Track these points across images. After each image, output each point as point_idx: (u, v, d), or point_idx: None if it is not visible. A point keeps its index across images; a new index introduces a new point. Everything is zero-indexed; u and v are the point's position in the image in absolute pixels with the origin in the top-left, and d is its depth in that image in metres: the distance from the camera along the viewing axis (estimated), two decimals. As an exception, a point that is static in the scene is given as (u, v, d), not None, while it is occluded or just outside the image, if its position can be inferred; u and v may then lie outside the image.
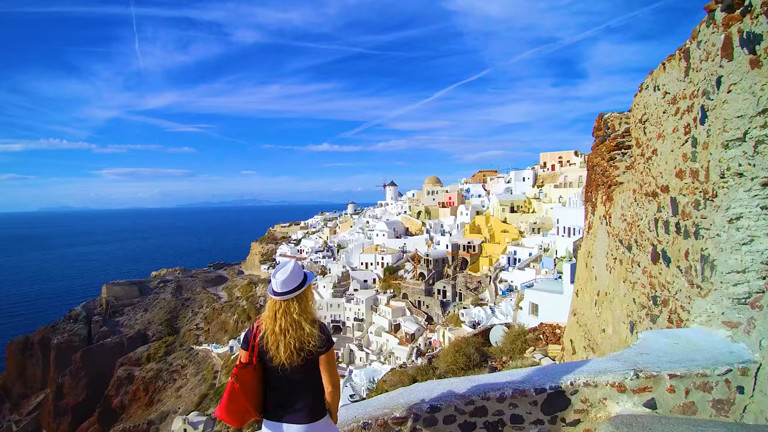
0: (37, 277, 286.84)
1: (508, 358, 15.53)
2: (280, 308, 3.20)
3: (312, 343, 3.13)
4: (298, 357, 3.10)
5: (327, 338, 3.24)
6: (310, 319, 3.24)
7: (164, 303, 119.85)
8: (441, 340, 43.50)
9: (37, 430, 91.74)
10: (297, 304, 3.23)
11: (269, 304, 3.32)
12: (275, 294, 3.24)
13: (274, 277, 3.25)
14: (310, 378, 3.22)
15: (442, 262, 59.81)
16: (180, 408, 66.31)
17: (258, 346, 3.21)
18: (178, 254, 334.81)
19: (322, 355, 3.18)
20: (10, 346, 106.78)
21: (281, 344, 3.10)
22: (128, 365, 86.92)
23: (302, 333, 3.14)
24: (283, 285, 3.20)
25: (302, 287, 3.28)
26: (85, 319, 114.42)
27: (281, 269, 3.29)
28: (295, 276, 3.26)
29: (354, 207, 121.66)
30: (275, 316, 3.20)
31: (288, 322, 3.15)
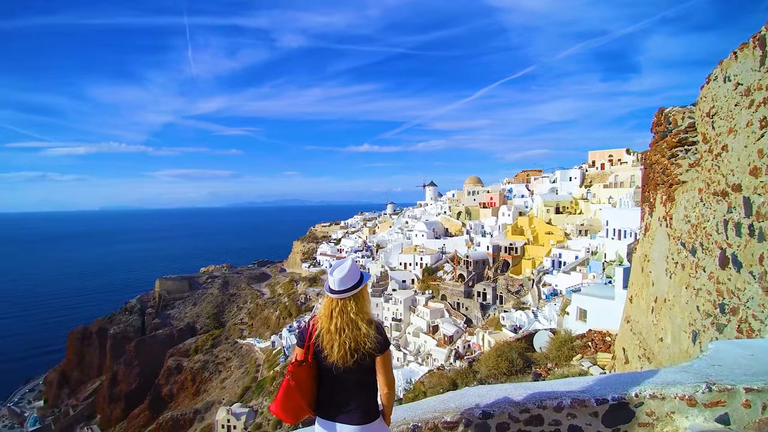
0: (96, 272, 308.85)
1: (554, 365, 14.96)
2: (337, 307, 3.18)
3: (368, 344, 3.09)
4: (352, 357, 3.06)
5: (384, 339, 3.19)
6: (367, 319, 3.20)
7: (211, 298, 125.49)
8: (480, 343, 42.68)
9: (92, 414, 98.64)
10: (354, 303, 3.19)
11: (325, 303, 3.29)
12: (332, 292, 3.21)
13: (332, 274, 3.22)
14: (363, 379, 3.17)
15: (483, 263, 58.66)
16: (224, 399, 69.07)
17: (314, 344, 3.20)
18: (225, 251, 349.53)
19: (378, 356, 3.14)
20: (70, 335, 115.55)
21: (336, 343, 3.08)
22: (177, 356, 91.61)
23: (358, 333, 3.10)
24: (341, 283, 3.17)
25: (359, 286, 3.24)
26: (139, 311, 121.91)
27: (338, 267, 3.26)
28: (353, 274, 3.22)
29: (393, 207, 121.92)
30: (331, 315, 3.17)
31: (344, 321, 3.13)
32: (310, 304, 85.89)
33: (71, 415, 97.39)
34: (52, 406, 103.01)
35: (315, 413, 3.28)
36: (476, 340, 44.34)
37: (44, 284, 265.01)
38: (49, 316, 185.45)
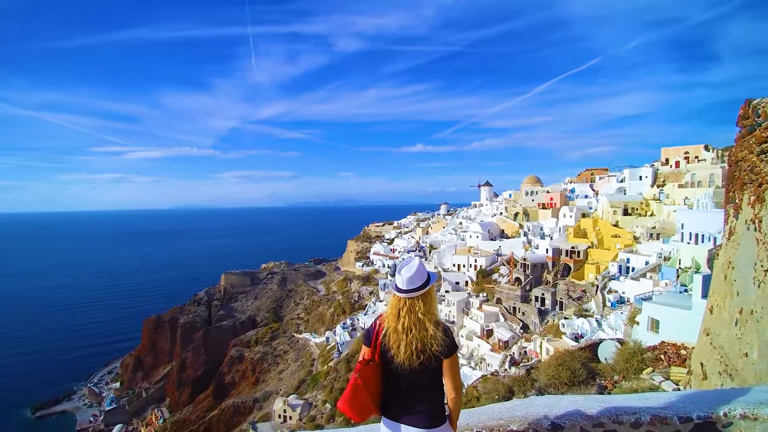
0: (169, 265, 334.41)
1: (621, 378, 14.02)
2: (405, 306, 3.16)
3: (434, 346, 3.05)
4: (418, 359, 3.03)
5: (451, 343, 3.14)
6: (434, 321, 3.16)
7: (271, 293, 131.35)
8: (538, 350, 41.00)
9: (163, 397, 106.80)
10: (422, 303, 3.16)
11: (392, 302, 3.28)
12: (399, 291, 3.19)
13: (400, 273, 3.19)
14: (429, 381, 3.13)
15: (541, 267, 56.28)
16: (281, 390, 71.96)
17: (381, 343, 3.20)
18: (284, 249, 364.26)
19: (445, 359, 3.09)
20: (145, 323, 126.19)
21: (402, 344, 3.06)
22: (240, 346, 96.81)
23: (425, 334, 3.07)
24: (409, 282, 3.14)
25: (427, 286, 3.21)
26: (206, 303, 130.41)
27: (406, 266, 3.24)
28: (421, 274, 3.19)
29: (447, 207, 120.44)
30: (398, 314, 3.16)
31: (411, 321, 3.10)
32: (364, 303, 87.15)
33: (144, 397, 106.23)
34: (127, 387, 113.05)
35: (381, 413, 3.28)
36: (533, 346, 42.65)
37: (124, 276, 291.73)
38: (127, 305, 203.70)
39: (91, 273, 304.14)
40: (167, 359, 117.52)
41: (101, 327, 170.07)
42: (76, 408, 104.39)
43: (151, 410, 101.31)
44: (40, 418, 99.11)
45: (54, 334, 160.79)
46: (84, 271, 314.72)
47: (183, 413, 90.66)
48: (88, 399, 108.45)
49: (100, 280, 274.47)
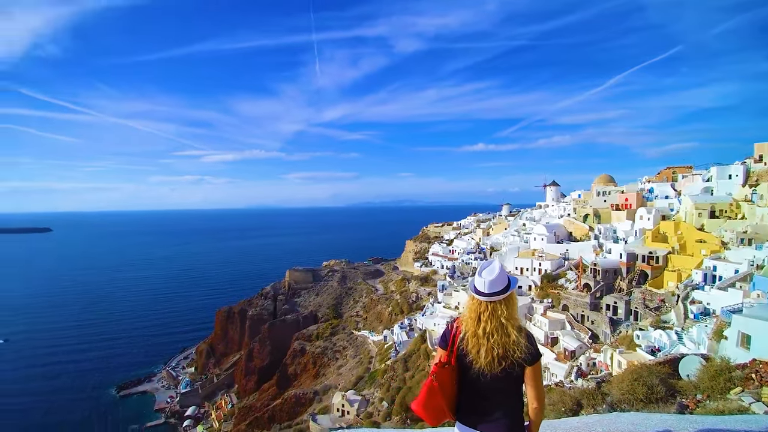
0: (240, 261, 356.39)
1: (705, 397, 12.57)
2: (486, 310, 3.08)
3: (517, 353, 2.98)
4: (500, 365, 2.96)
5: (535, 350, 3.07)
6: (517, 326, 3.07)
7: (331, 290, 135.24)
8: (608, 362, 38.25)
9: (231, 384, 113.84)
10: (504, 307, 3.09)
11: (471, 305, 3.21)
12: (480, 294, 3.11)
13: (480, 275, 3.14)
14: (509, 389, 3.03)
15: (614, 273, 52.37)
16: (340, 384, 73.66)
17: (458, 346, 3.15)
18: (344, 248, 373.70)
19: (528, 367, 3.00)
20: (218, 314, 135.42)
21: (483, 349, 2.99)
22: (302, 340, 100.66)
23: (507, 340, 2.98)
24: (491, 285, 3.07)
25: (509, 290, 3.14)
26: (272, 297, 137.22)
27: (487, 268, 3.16)
28: (503, 277, 3.12)
29: (509, 208, 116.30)
30: (479, 318, 3.08)
31: (493, 325, 3.02)
32: (421, 303, 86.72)
33: (215, 382, 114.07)
34: (200, 372, 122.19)
35: (455, 418, 3.22)
36: (603, 358, 39.83)
37: (200, 269, 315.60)
38: (202, 296, 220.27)
39: (171, 266, 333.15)
40: (237, 348, 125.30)
41: (179, 315, 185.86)
42: (156, 389, 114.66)
43: (221, 395, 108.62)
44: (124, 397, 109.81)
45: (138, 321, 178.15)
46: (166, 264, 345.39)
47: (249, 400, 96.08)
48: (166, 381, 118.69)
49: (179, 273, 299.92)
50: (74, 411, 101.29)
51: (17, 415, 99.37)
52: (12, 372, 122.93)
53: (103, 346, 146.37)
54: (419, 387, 42.68)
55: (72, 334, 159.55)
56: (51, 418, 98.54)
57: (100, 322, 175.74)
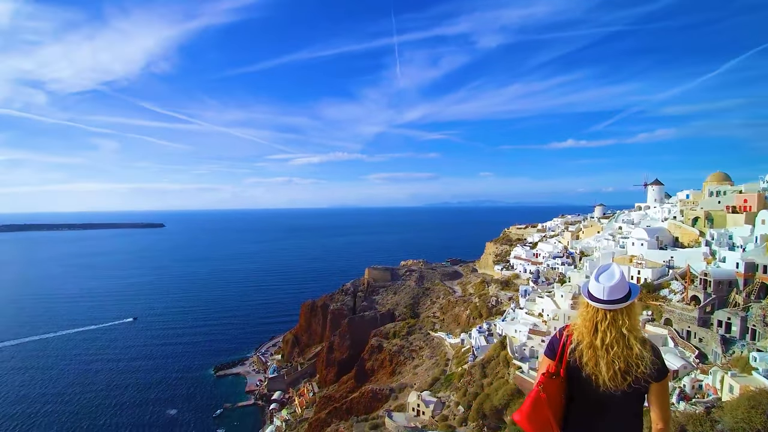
0: (323, 257, 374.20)
1: None
2: (605, 319, 2.85)
3: (641, 368, 2.74)
4: (623, 380, 2.74)
5: (662, 365, 2.83)
6: (640, 338, 2.83)
7: (409, 289, 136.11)
8: (718, 386, 33.42)
9: (313, 373, 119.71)
10: (626, 316, 2.84)
11: (585, 313, 3.00)
12: (597, 301, 2.91)
13: (598, 280, 2.93)
14: (628, 406, 2.78)
15: (728, 285, 45.63)
16: (415, 384, 73.75)
17: (568, 357, 2.99)
18: (422, 248, 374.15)
19: (654, 383, 2.75)
20: (303, 306, 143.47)
21: (602, 361, 2.77)
22: (379, 337, 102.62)
23: (629, 353, 2.76)
24: (612, 292, 2.84)
25: (631, 297, 2.90)
26: (352, 294, 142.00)
27: (605, 272, 2.97)
28: (624, 283, 2.88)
29: (603, 210, 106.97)
30: (596, 328, 2.86)
31: (613, 336, 2.79)
32: (502, 308, 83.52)
33: (299, 371, 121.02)
34: (286, 360, 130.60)
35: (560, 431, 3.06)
36: (711, 381, 34.91)
37: (287, 264, 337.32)
38: (289, 289, 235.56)
39: (262, 260, 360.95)
40: (319, 339, 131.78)
41: (269, 306, 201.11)
42: (247, 372, 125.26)
43: (303, 383, 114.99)
44: (220, 377, 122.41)
45: (234, 308, 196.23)
46: (258, 257, 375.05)
47: (329, 390, 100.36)
48: (256, 366, 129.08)
49: (269, 266, 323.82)
50: (180, 386, 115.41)
51: (135, 383, 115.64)
52: (136, 347, 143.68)
53: (204, 330, 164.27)
54: (497, 394, 40.81)
55: (181, 317, 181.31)
56: (162, 390, 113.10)
57: (203, 308, 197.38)
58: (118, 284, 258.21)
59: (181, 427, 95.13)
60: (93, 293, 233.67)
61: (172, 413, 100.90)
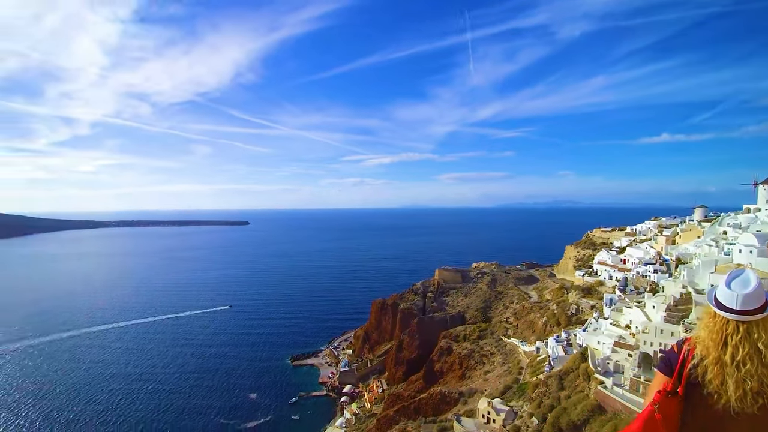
0: (394, 256, 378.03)
1: None
2: (737, 332, 2.47)
3: None
4: (755, 402, 2.36)
5: None
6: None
7: (480, 292, 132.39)
8: None
9: (383, 370, 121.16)
10: (763, 330, 2.44)
11: (711, 324, 2.64)
12: (729, 311, 2.52)
13: (729, 287, 2.56)
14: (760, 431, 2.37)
15: None
16: (486, 390, 71.36)
17: (688, 374, 2.65)
18: (494, 250, 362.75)
19: None
20: (373, 304, 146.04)
21: (730, 380, 2.39)
22: (449, 339, 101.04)
23: (765, 372, 2.36)
24: (747, 300, 2.45)
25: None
26: (422, 294, 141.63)
27: (738, 278, 2.54)
28: (761, 291, 2.46)
29: (704, 212, 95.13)
30: (725, 341, 2.49)
31: (746, 352, 2.40)
32: (583, 317, 77.87)
33: (369, 366, 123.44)
34: (357, 355, 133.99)
35: None
36: None
37: (360, 262, 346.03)
38: (360, 286, 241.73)
39: (336, 257, 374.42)
40: (388, 337, 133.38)
41: (341, 301, 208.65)
42: (320, 364, 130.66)
43: (373, 379, 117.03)
44: (296, 367, 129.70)
45: (310, 302, 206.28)
46: (332, 255, 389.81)
47: (398, 388, 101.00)
48: (328, 359, 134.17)
49: (342, 264, 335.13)
50: (261, 373, 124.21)
51: (223, 369, 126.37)
52: (225, 334, 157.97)
53: (283, 321, 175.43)
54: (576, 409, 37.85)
55: (263, 309, 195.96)
56: (245, 376, 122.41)
57: (283, 301, 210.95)
58: (211, 276, 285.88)
59: (261, 411, 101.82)
60: (190, 283, 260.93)
61: (253, 397, 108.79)
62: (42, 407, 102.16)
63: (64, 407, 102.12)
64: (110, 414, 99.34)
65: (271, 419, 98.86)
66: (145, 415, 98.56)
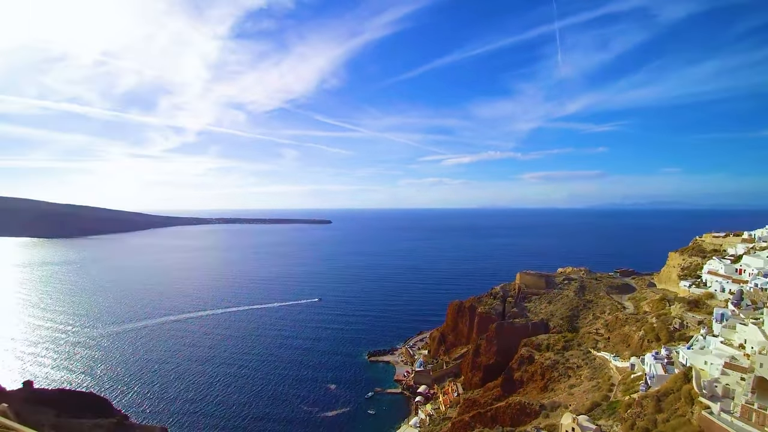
0: (471, 258, 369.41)
1: None
2: None
3: None
4: None
5: None
6: None
7: (566, 300, 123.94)
8: None
9: (458, 373, 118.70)
10: None
11: None
12: None
13: None
14: None
15: None
16: (571, 405, 66.76)
17: None
18: (583, 254, 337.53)
19: None
20: (450, 305, 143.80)
21: None
22: (530, 347, 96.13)
23: None
24: None
25: None
26: (501, 298, 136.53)
27: None
28: None
29: None
30: None
31: None
32: (687, 333, 69.36)
33: (444, 369, 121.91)
34: (432, 356, 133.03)
35: None
36: None
37: (437, 263, 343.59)
38: (437, 287, 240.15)
39: (413, 257, 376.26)
40: (465, 341, 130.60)
41: (417, 301, 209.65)
42: (396, 362, 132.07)
43: (448, 382, 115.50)
44: (372, 363, 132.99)
45: (388, 301, 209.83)
46: (409, 255, 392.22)
47: (474, 394, 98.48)
48: (404, 357, 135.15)
49: (419, 264, 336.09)
50: (340, 366, 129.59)
51: (309, 362, 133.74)
52: (311, 328, 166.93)
53: (362, 318, 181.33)
54: (675, 436, 33.61)
55: (343, 304, 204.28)
56: (327, 368, 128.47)
57: (363, 297, 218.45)
58: (300, 270, 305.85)
59: (340, 402, 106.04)
60: (281, 276, 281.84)
61: (332, 388, 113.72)
62: (149, 381, 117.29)
63: (170, 383, 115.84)
64: (210, 393, 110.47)
65: (349, 411, 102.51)
66: (240, 397, 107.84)
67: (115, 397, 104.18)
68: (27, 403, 50.19)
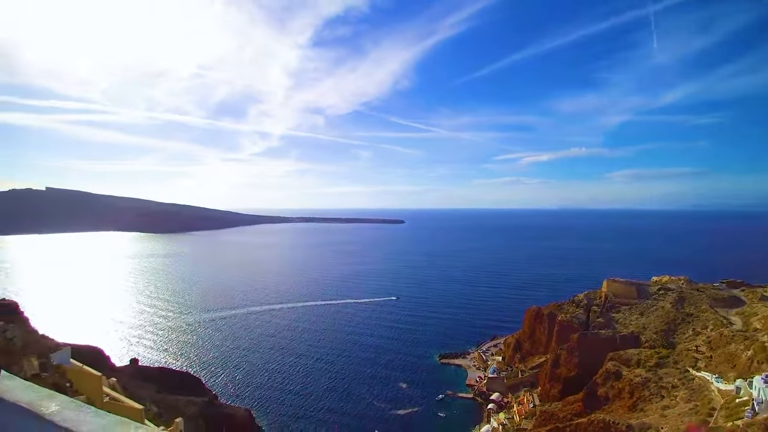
0: (550, 262, 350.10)
1: None
2: None
3: None
4: None
5: None
6: None
7: (662, 312, 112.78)
8: None
9: (535, 384, 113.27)
10: None
11: None
12: None
13: None
14: None
15: None
16: (663, 429, 60.93)
17: None
18: (682, 262, 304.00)
19: None
20: (527, 311, 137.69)
21: None
22: (618, 362, 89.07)
23: None
24: None
25: None
26: (585, 307, 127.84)
27: None
28: None
29: None
30: None
31: None
32: (814, 358, 59.81)
33: (519, 377, 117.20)
34: (506, 363, 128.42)
35: None
36: None
37: (514, 266, 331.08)
38: (513, 291, 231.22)
39: (488, 259, 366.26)
40: (542, 350, 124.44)
41: (492, 305, 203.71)
42: (468, 366, 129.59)
43: (524, 391, 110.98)
44: (443, 365, 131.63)
45: (462, 303, 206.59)
46: (483, 257, 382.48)
47: (552, 407, 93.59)
48: (476, 362, 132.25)
49: (493, 266, 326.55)
50: (412, 366, 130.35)
51: (382, 360, 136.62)
52: (384, 327, 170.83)
53: (435, 319, 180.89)
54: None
55: (419, 305, 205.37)
56: (398, 366, 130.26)
57: (436, 298, 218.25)
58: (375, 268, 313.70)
59: (411, 402, 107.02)
60: (359, 273, 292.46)
61: (404, 387, 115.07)
62: (235, 366, 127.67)
63: (254, 370, 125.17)
64: (289, 382, 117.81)
65: (420, 411, 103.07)
66: (316, 390, 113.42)
67: (206, 378, 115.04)
68: (133, 378, 57.42)
